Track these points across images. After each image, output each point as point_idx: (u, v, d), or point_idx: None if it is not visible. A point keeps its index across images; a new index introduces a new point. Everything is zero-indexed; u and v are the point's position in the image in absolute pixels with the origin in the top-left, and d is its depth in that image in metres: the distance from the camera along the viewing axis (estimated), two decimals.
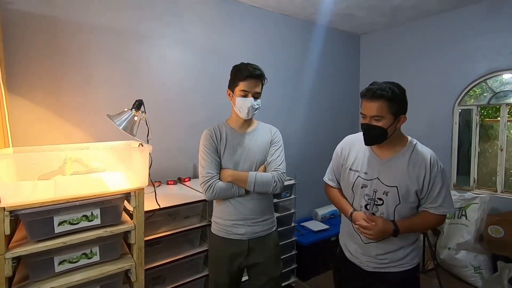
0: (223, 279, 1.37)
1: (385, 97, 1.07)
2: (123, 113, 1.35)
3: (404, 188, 1.14)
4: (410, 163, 1.15)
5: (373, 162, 1.21)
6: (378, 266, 1.21)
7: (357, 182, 1.23)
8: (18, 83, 1.64)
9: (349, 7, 2.63)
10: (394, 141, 1.18)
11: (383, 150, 1.21)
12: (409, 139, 1.22)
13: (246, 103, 1.29)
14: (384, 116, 1.09)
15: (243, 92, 1.29)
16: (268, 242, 1.39)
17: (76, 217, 1.14)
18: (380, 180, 1.18)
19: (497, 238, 2.29)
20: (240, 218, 1.33)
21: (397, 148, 1.19)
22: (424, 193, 1.15)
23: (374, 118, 1.11)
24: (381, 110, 1.09)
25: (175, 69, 2.19)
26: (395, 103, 1.09)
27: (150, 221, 1.51)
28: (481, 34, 2.57)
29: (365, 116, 1.14)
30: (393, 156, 1.18)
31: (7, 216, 0.99)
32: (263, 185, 1.30)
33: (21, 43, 1.63)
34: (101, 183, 1.19)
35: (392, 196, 1.15)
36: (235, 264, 1.35)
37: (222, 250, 1.37)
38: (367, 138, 1.17)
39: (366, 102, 1.12)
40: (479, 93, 2.74)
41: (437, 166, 1.14)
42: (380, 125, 1.10)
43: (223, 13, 2.41)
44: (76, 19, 1.78)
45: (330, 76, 3.25)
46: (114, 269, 1.21)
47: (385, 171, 1.18)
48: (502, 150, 2.56)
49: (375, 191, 1.18)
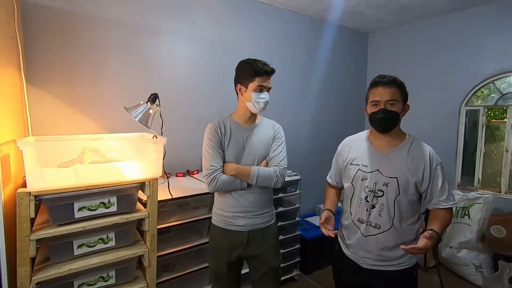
0: (222, 269, 1.40)
1: (398, 83, 1.18)
2: (139, 106, 1.40)
3: (404, 179, 1.18)
4: (409, 156, 1.20)
5: (373, 155, 1.26)
6: (376, 264, 1.22)
7: (357, 175, 1.26)
8: (36, 74, 1.70)
9: (358, 5, 2.64)
10: (395, 135, 1.24)
11: (383, 144, 1.25)
12: (407, 135, 1.27)
13: (263, 98, 1.33)
14: (398, 101, 1.18)
15: (259, 88, 1.33)
16: (267, 234, 1.43)
17: (95, 204, 1.20)
18: (380, 172, 1.21)
19: (499, 238, 2.32)
20: (241, 210, 1.37)
21: (397, 142, 1.24)
22: (425, 187, 1.18)
23: (389, 103, 1.17)
24: (395, 95, 1.17)
25: (185, 63, 2.24)
26: (403, 91, 1.20)
27: (161, 210, 1.57)
28: (490, 35, 2.56)
29: (378, 102, 1.18)
30: (392, 150, 1.23)
31: (32, 200, 1.05)
32: (265, 179, 1.34)
33: (40, 36, 1.69)
34: (118, 172, 1.25)
35: (392, 187, 1.19)
36: (234, 254, 1.39)
37: (222, 240, 1.40)
38: (383, 123, 1.19)
39: (381, 88, 1.17)
40: (486, 94, 2.74)
41: (436, 160, 1.19)
42: (395, 110, 1.17)
43: (232, 8, 2.44)
44: (91, 13, 1.83)
45: (338, 73, 3.27)
46: (129, 254, 1.27)
47: (385, 163, 1.22)
48: (507, 151, 2.58)
49: (376, 183, 1.22)
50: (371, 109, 1.22)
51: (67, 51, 1.78)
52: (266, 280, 1.42)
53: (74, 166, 1.18)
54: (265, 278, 1.42)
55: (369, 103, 1.23)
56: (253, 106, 1.35)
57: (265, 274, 1.42)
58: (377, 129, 1.23)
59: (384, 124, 1.19)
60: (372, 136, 1.31)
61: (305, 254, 2.50)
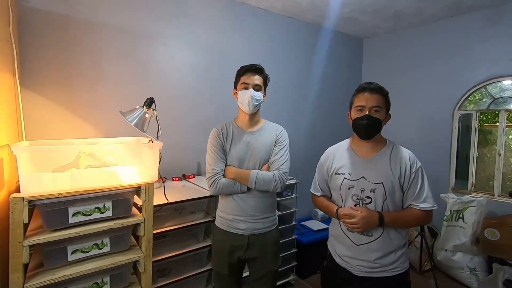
0: (224, 270, 1.43)
1: (384, 91, 1.23)
2: (135, 110, 1.40)
3: (390, 183, 1.19)
4: (391, 160, 1.22)
5: (356, 162, 1.27)
6: (369, 271, 1.21)
7: (344, 183, 1.26)
8: (32, 79, 1.69)
9: (353, 11, 2.68)
10: (376, 141, 1.27)
11: (365, 150, 1.27)
12: (388, 140, 1.30)
13: (247, 94, 1.34)
14: (382, 108, 1.21)
15: (243, 85, 1.36)
16: (267, 239, 1.43)
17: (89, 209, 1.18)
18: (366, 178, 1.22)
19: (493, 240, 2.34)
20: (242, 214, 1.38)
21: (378, 148, 1.26)
22: (405, 188, 1.21)
23: (374, 109, 1.19)
24: (380, 102, 1.20)
25: (181, 68, 2.24)
26: (387, 100, 1.24)
27: (157, 215, 1.56)
28: (482, 41, 2.62)
29: (363, 108, 1.20)
30: (374, 156, 1.25)
31: (25, 205, 1.03)
32: (263, 184, 1.35)
33: (35, 40, 1.68)
34: (113, 176, 1.24)
35: (379, 193, 1.20)
36: (235, 256, 1.41)
37: (223, 242, 1.43)
38: (366, 129, 1.21)
39: (368, 94, 1.20)
40: (478, 99, 2.79)
41: (416, 163, 1.22)
42: (379, 117, 1.20)
43: (230, 15, 2.46)
44: (88, 18, 1.83)
45: (333, 78, 3.30)
46: (124, 260, 1.25)
47: (369, 169, 1.23)
48: (500, 155, 2.62)
49: (362, 190, 1.22)
50: (356, 114, 1.23)
51: (63, 55, 1.77)
52: (263, 282, 1.44)
53: (69, 170, 1.17)
54: (263, 281, 1.44)
55: (353, 108, 1.25)
56: (241, 105, 1.37)
57: (263, 277, 1.44)
58: (360, 135, 1.25)
59: (367, 130, 1.21)
60: (354, 144, 1.33)
61: (301, 259, 2.49)
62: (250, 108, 1.36)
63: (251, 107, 1.36)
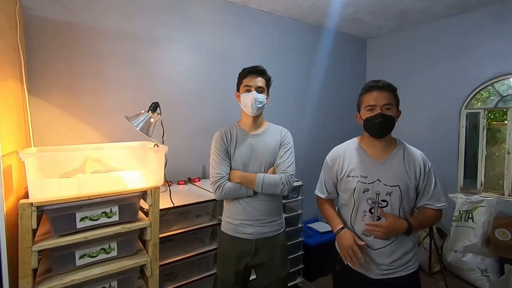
0: (230, 279, 1.38)
1: (392, 88, 1.19)
2: (140, 115, 1.41)
3: (405, 185, 1.17)
4: (405, 161, 1.20)
5: (369, 165, 1.23)
6: (385, 273, 1.20)
7: (358, 187, 1.21)
8: (38, 85, 1.71)
9: (356, 11, 2.67)
10: (388, 141, 1.24)
11: (377, 150, 1.24)
12: (397, 140, 1.27)
13: (250, 97, 1.33)
14: (393, 105, 1.18)
15: (246, 88, 1.35)
16: (275, 243, 1.41)
17: (96, 214, 1.19)
18: (381, 181, 1.19)
19: (504, 241, 2.29)
20: (248, 218, 1.36)
21: (390, 149, 1.23)
22: (420, 189, 1.20)
23: (385, 107, 1.16)
24: (391, 99, 1.17)
25: (185, 72, 2.26)
26: (397, 96, 1.20)
27: (163, 219, 1.57)
28: (488, 38, 2.58)
29: (374, 107, 1.17)
30: (387, 157, 1.22)
31: (34, 211, 1.05)
32: (270, 187, 1.32)
33: (41, 48, 1.71)
34: (119, 181, 1.25)
35: (395, 196, 1.18)
36: (242, 263, 1.37)
37: (230, 248, 1.39)
38: (380, 128, 1.17)
39: (376, 92, 1.17)
40: (486, 97, 2.75)
41: (428, 163, 1.21)
42: (391, 114, 1.17)
43: (232, 18, 2.47)
44: (92, 25, 1.86)
45: (337, 79, 3.29)
46: (131, 264, 1.26)
47: (384, 171, 1.20)
48: (509, 153, 2.57)
49: (378, 193, 1.19)
50: (367, 114, 1.19)
51: (69, 62, 1.80)
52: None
53: (76, 176, 1.18)
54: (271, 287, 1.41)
55: (363, 108, 1.21)
56: (245, 108, 1.36)
57: (271, 283, 1.40)
58: (374, 134, 1.20)
59: (382, 128, 1.17)
60: (364, 144, 1.28)
61: (308, 261, 2.47)
62: (254, 111, 1.35)
63: (255, 109, 1.34)
